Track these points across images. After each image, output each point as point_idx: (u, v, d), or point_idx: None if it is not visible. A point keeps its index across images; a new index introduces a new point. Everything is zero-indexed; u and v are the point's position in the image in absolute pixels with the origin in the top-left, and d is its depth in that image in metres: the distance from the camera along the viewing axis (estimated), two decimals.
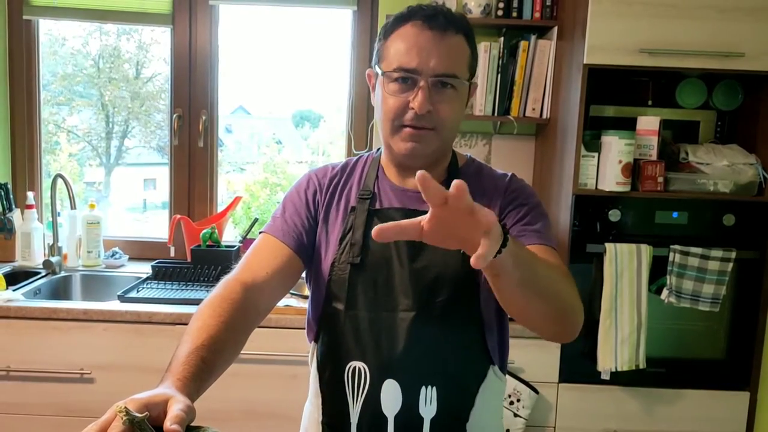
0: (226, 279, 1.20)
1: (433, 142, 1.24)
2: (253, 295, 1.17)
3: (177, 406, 0.83)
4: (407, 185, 1.32)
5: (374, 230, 0.93)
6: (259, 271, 1.22)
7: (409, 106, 1.20)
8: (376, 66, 1.27)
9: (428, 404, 1.22)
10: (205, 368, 0.99)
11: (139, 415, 0.80)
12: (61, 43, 3.28)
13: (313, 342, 1.35)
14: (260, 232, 1.32)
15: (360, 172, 1.36)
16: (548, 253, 1.21)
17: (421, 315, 1.19)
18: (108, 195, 3.56)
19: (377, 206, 1.30)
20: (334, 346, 1.27)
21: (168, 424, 0.81)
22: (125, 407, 0.79)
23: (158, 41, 3.23)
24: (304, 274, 1.36)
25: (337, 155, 3.33)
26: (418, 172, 0.90)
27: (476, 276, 1.22)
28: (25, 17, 2.91)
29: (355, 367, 1.24)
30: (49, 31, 3.21)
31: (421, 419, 1.22)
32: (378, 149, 1.40)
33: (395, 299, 1.23)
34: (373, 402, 1.22)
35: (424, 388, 1.22)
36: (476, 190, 1.30)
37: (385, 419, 1.22)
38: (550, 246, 1.24)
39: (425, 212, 1.20)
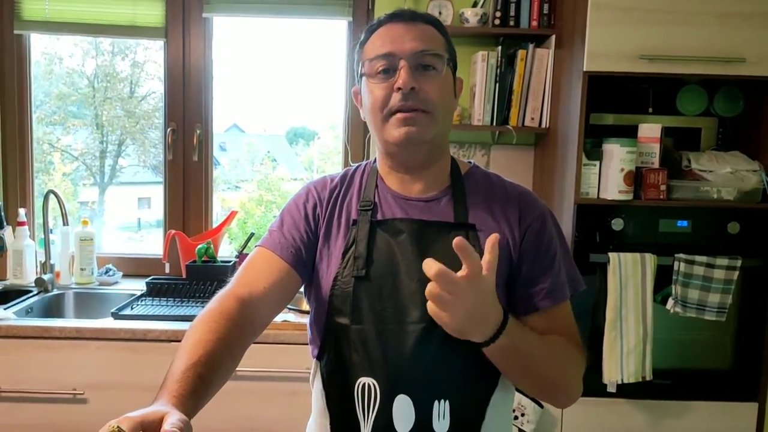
0: (221, 294, 1.16)
1: (429, 126, 1.21)
2: (249, 310, 1.14)
3: (174, 417, 0.80)
4: (408, 192, 1.29)
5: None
6: (256, 285, 1.18)
7: (394, 89, 1.19)
8: (358, 78, 1.27)
9: (442, 419, 1.17)
10: (202, 385, 0.96)
11: None
12: (57, 63, 3.26)
13: (315, 359, 1.30)
14: (257, 246, 1.28)
15: (359, 182, 1.32)
16: (561, 314, 1.24)
17: (430, 326, 1.14)
18: (102, 214, 3.53)
19: (379, 217, 1.26)
20: (341, 363, 1.22)
21: (167, 426, 0.78)
22: (118, 426, 0.76)
23: (153, 60, 3.21)
24: (302, 289, 1.32)
25: (333, 171, 3.31)
26: (455, 240, 0.97)
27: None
28: (16, 32, 2.88)
29: (364, 384, 1.19)
30: (45, 49, 3.19)
31: None
32: (375, 159, 1.36)
33: (403, 311, 1.18)
34: (385, 419, 1.17)
35: (437, 402, 1.17)
36: (484, 196, 1.29)
37: None
38: (566, 300, 1.25)
39: (429, 222, 1.23)
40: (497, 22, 2.65)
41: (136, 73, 3.30)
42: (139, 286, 2.79)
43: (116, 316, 2.40)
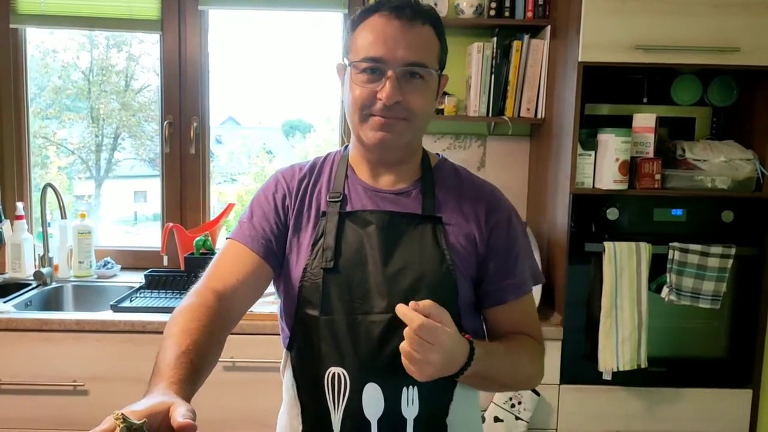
0: (196, 288, 1.18)
1: (405, 132, 1.22)
2: (224, 303, 1.15)
3: (182, 408, 0.81)
4: (379, 184, 1.29)
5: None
6: (229, 279, 1.20)
7: (377, 97, 1.18)
8: (345, 58, 1.25)
9: (410, 404, 1.20)
10: (194, 372, 0.98)
11: (137, 422, 0.77)
12: (51, 56, 3.25)
13: (286, 350, 1.31)
14: (228, 238, 1.29)
15: (329, 172, 1.32)
16: (524, 307, 1.31)
17: (397, 317, 1.15)
18: (98, 208, 3.53)
19: (348, 208, 1.27)
20: (311, 353, 1.23)
21: (178, 417, 0.79)
22: (122, 414, 0.77)
23: (148, 53, 3.21)
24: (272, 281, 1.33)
25: None
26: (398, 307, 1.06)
27: (454, 274, 1.21)
28: (11, 26, 2.87)
29: (334, 373, 1.20)
30: (41, 43, 3.19)
31: (404, 420, 1.20)
32: (346, 146, 1.36)
33: (371, 302, 1.20)
34: (355, 407, 1.19)
35: (405, 389, 1.20)
36: (452, 190, 1.31)
37: (368, 423, 1.19)
38: (529, 293, 1.32)
39: (398, 213, 1.25)
40: (492, 13, 2.66)
41: (132, 66, 3.29)
42: (137, 278, 2.80)
43: (115, 308, 2.40)
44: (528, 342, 1.29)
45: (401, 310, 1.06)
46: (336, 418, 1.20)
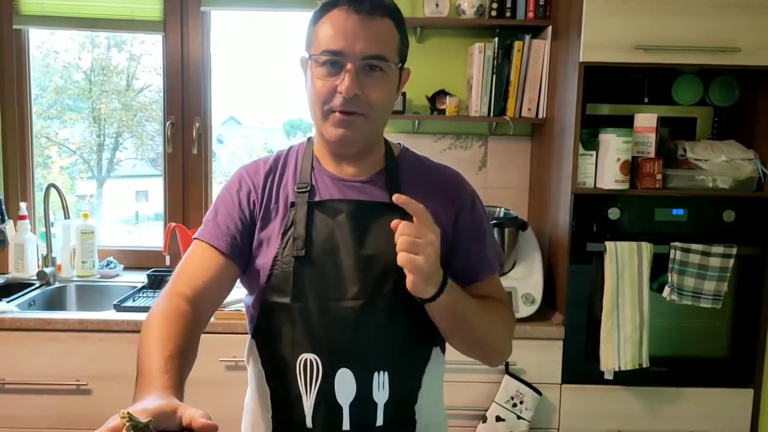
0: (165, 293, 1.18)
1: (364, 127, 1.23)
2: (195, 305, 1.16)
3: (197, 411, 0.83)
4: (345, 174, 1.31)
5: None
6: (196, 281, 1.20)
7: (337, 90, 1.19)
8: (306, 51, 1.26)
9: (381, 389, 1.23)
10: (182, 376, 1.00)
11: (143, 421, 0.78)
12: (53, 56, 3.26)
13: (251, 339, 1.33)
14: (194, 238, 1.29)
15: (294, 164, 1.33)
16: (494, 284, 1.36)
17: (369, 303, 1.20)
18: (100, 207, 3.53)
19: (317, 198, 1.28)
20: (281, 341, 1.25)
21: (201, 419, 0.81)
22: (128, 412, 0.77)
23: (149, 53, 3.22)
24: None
25: None
26: (395, 196, 1.09)
27: None
28: (15, 27, 2.89)
29: (306, 359, 1.22)
30: (42, 44, 3.19)
31: (375, 404, 1.23)
32: (308, 138, 1.38)
33: (343, 289, 1.22)
34: (327, 392, 1.22)
35: (376, 374, 1.22)
36: (417, 178, 1.33)
37: (339, 408, 1.22)
38: (497, 272, 1.37)
39: (367, 202, 1.27)
40: (494, 13, 2.66)
41: (133, 66, 3.30)
42: (140, 278, 2.81)
43: (118, 308, 2.42)
44: (499, 304, 1.34)
45: (400, 199, 1.10)
46: (308, 404, 1.23)
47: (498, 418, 2.35)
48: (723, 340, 2.44)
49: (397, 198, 1.09)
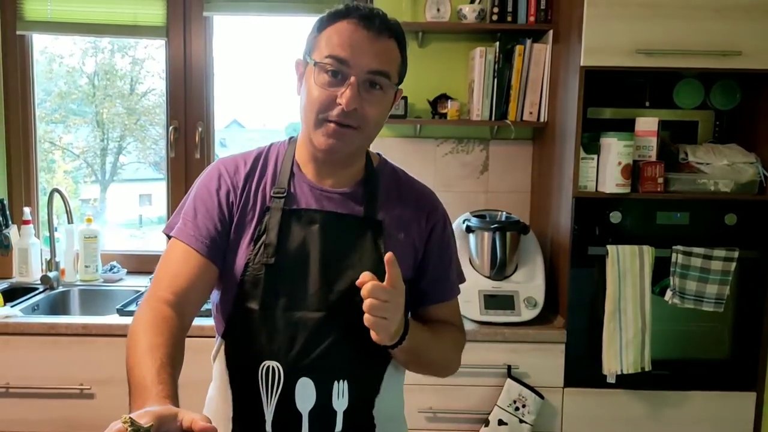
0: (148, 299, 1.18)
1: (354, 141, 1.24)
2: (179, 310, 1.17)
3: (197, 416, 0.84)
4: (325, 184, 1.30)
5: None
6: (178, 285, 1.20)
7: (337, 102, 1.19)
8: (307, 56, 1.25)
9: (341, 397, 1.25)
10: (175, 384, 1.00)
11: (145, 426, 0.78)
12: (56, 61, 3.28)
13: (220, 337, 1.33)
14: (172, 236, 1.27)
15: (273, 167, 1.32)
16: (453, 306, 1.42)
17: (330, 315, 1.22)
18: (104, 212, 3.54)
19: (294, 206, 1.28)
20: (247, 346, 1.25)
21: (203, 422, 0.82)
22: (130, 417, 0.78)
23: (153, 57, 3.23)
24: None
25: None
26: (387, 256, 1.12)
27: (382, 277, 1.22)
28: (18, 32, 2.90)
29: (268, 367, 1.23)
30: (45, 49, 3.21)
31: (335, 412, 1.24)
32: (290, 138, 1.37)
33: (307, 300, 1.23)
34: (287, 400, 1.23)
35: (336, 382, 1.24)
36: (393, 193, 1.35)
37: (299, 415, 1.23)
38: (457, 294, 1.43)
39: (341, 214, 1.28)
40: (495, 17, 2.67)
41: (136, 71, 3.32)
42: (143, 282, 2.82)
43: (122, 312, 2.42)
44: (452, 330, 1.40)
45: (390, 259, 1.13)
46: (269, 410, 1.24)
47: (500, 422, 2.35)
48: (725, 343, 2.44)
49: (388, 258, 1.12)
